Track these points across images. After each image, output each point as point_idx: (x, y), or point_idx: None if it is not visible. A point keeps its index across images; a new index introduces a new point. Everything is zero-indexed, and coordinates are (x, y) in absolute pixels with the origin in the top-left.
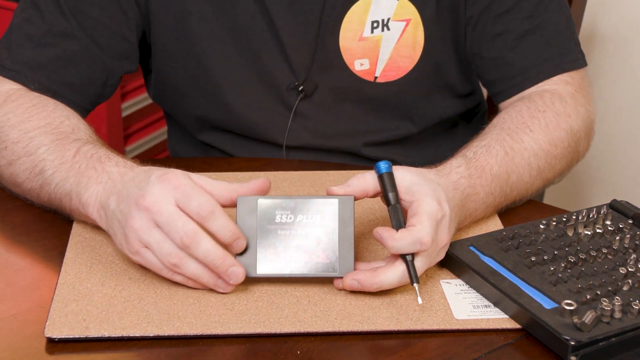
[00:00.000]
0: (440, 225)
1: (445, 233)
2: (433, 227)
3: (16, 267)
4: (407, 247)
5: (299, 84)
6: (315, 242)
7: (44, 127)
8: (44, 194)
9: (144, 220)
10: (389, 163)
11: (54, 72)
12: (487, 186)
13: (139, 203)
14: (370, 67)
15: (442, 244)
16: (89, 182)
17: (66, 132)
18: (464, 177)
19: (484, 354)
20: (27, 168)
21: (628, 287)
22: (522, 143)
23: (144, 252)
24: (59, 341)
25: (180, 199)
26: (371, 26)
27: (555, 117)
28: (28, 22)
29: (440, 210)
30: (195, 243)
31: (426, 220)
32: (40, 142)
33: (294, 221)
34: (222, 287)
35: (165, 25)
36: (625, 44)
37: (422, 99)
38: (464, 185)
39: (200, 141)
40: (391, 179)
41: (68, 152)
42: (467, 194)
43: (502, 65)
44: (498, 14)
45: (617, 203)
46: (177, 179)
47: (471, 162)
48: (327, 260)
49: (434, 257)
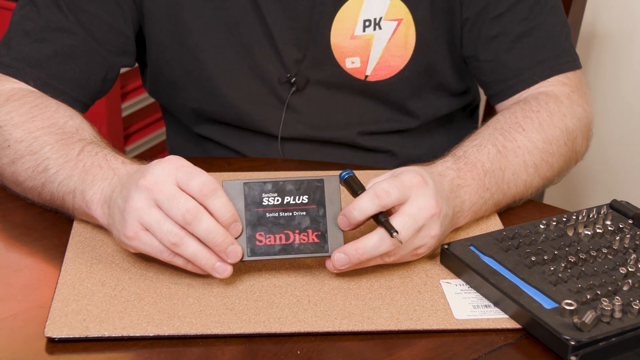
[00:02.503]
0: (421, 189)
1: (430, 198)
2: (392, 182)
3: (16, 267)
4: (367, 203)
5: (291, 77)
6: (304, 223)
7: (48, 128)
8: (46, 192)
9: (143, 200)
10: (349, 170)
11: (53, 67)
12: (479, 180)
13: (139, 183)
14: (361, 65)
15: (429, 211)
16: (94, 179)
17: (70, 132)
18: (451, 169)
19: (484, 354)
20: (30, 166)
21: (628, 287)
22: (515, 142)
23: (142, 235)
24: (59, 341)
25: (181, 177)
26: (363, 25)
27: (550, 116)
28: (26, 19)
29: (419, 176)
30: (198, 220)
31: (385, 177)
32: (45, 141)
33: (282, 203)
34: (220, 271)
35: (158, 19)
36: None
37: (414, 97)
38: (452, 175)
39: (197, 134)
40: (354, 180)
41: (72, 151)
42: (458, 184)
43: (498, 67)
44: (494, 16)
45: (617, 203)
46: (179, 160)
47: (460, 159)
48: (316, 240)
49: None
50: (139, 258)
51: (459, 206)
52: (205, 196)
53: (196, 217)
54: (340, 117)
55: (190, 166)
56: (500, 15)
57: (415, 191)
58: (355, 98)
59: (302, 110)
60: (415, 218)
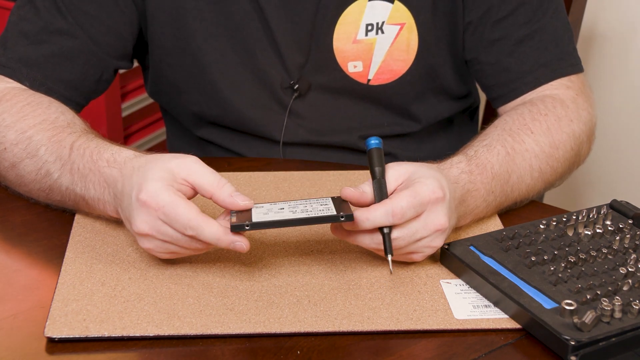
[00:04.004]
0: (436, 205)
1: (442, 215)
2: (411, 202)
3: (16, 267)
4: (381, 218)
5: (294, 83)
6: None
7: (40, 125)
8: (55, 194)
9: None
10: (379, 139)
11: (49, 68)
12: (487, 184)
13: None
14: (364, 69)
15: (436, 227)
16: (95, 187)
17: (62, 127)
18: (464, 173)
19: (484, 354)
20: (32, 170)
21: (628, 287)
22: (524, 144)
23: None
24: (59, 341)
25: (164, 219)
26: (365, 29)
27: (557, 120)
28: (24, 19)
29: (440, 189)
30: (200, 231)
31: (406, 195)
32: (39, 141)
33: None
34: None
35: (161, 22)
36: (625, 44)
37: (416, 101)
38: (465, 180)
39: (197, 137)
40: (379, 154)
41: (64, 151)
42: (468, 190)
43: (500, 70)
44: (496, 19)
45: (617, 203)
46: (155, 201)
47: (472, 160)
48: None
49: (421, 237)
50: (139, 258)
51: (462, 211)
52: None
53: (197, 232)
54: (342, 121)
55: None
56: (503, 18)
57: (430, 207)
58: (358, 102)
59: (304, 115)
60: (416, 232)
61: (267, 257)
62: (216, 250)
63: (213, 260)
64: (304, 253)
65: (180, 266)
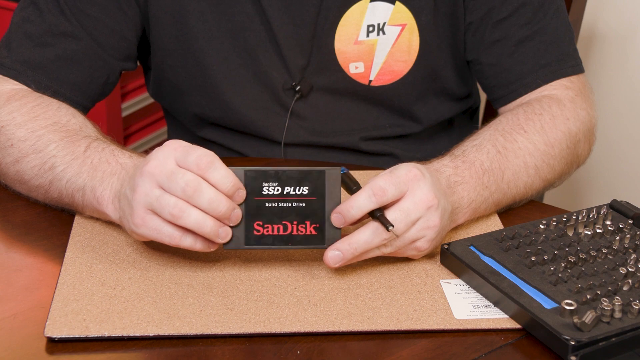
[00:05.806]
0: (418, 182)
1: (427, 190)
2: (388, 180)
3: (16, 267)
4: (364, 201)
5: (295, 85)
6: (303, 214)
7: (52, 126)
8: (54, 190)
9: (147, 184)
10: (344, 168)
11: (54, 71)
12: (478, 178)
13: (143, 170)
14: (365, 70)
15: (425, 203)
16: (103, 175)
17: (74, 130)
18: (447, 167)
19: (484, 354)
20: (35, 165)
21: (628, 287)
22: (516, 143)
23: (148, 220)
24: (59, 341)
25: (179, 155)
26: (367, 30)
27: (552, 119)
28: (27, 21)
29: (415, 168)
30: (198, 192)
31: (383, 175)
32: (50, 139)
33: (282, 193)
34: (222, 236)
35: (164, 23)
36: (625, 44)
37: (418, 102)
38: (448, 172)
39: (199, 137)
40: (349, 177)
41: (79, 148)
42: (455, 181)
43: (501, 71)
44: (497, 20)
45: (617, 203)
46: (177, 142)
47: (458, 158)
48: (314, 233)
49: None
50: (139, 258)
51: (457, 202)
52: (204, 170)
53: (196, 190)
54: (344, 123)
55: (188, 145)
56: (504, 19)
57: (411, 185)
58: (359, 103)
59: (306, 116)
60: (409, 212)
61: (267, 257)
62: (216, 250)
63: (213, 260)
64: (304, 253)
65: (180, 266)
